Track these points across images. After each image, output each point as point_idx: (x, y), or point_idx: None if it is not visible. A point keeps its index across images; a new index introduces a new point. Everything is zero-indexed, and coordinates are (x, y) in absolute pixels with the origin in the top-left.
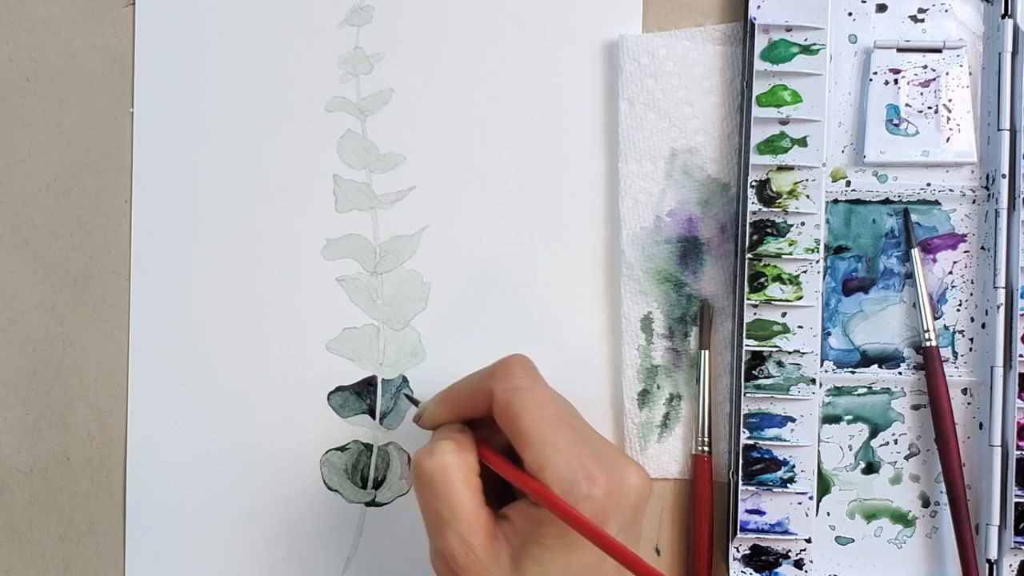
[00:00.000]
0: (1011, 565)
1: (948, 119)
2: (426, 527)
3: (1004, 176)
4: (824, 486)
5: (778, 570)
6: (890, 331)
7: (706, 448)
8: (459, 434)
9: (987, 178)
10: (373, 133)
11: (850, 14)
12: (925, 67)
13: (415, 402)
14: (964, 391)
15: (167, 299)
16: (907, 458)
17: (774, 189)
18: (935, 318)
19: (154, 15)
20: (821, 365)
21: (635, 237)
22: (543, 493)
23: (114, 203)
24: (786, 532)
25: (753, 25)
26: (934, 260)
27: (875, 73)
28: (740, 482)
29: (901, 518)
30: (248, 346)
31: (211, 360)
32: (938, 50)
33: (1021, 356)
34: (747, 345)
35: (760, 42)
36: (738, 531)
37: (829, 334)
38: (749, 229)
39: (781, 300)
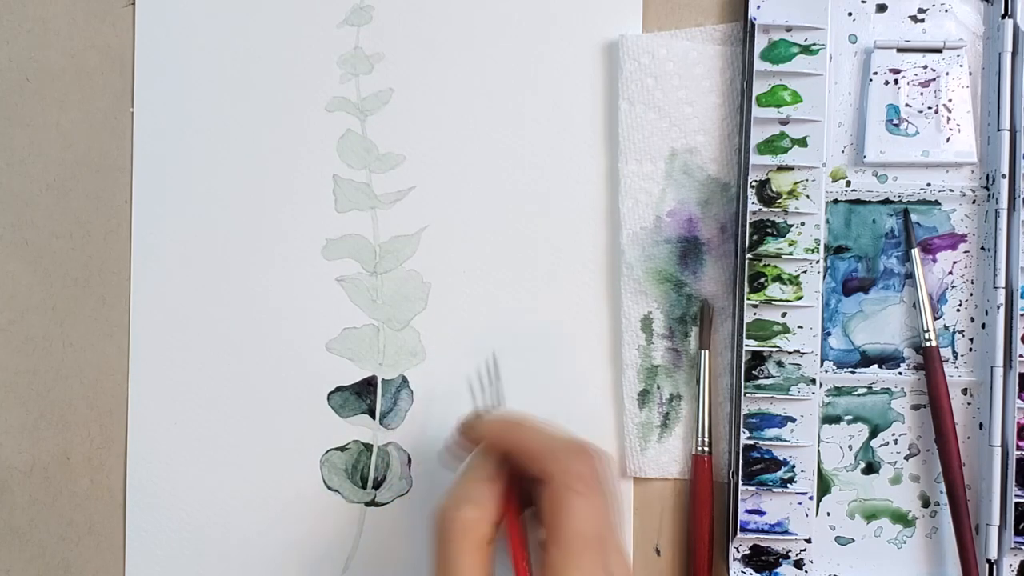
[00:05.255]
0: (1011, 565)
1: (948, 119)
2: (431, 571)
3: (1004, 176)
4: (824, 486)
5: (778, 570)
6: (890, 331)
7: (706, 448)
8: (489, 489)
9: (987, 178)
10: (373, 133)
11: (850, 14)
12: (925, 67)
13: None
14: (964, 391)
15: (167, 299)
16: (907, 458)
17: (774, 189)
18: (935, 318)
19: (154, 15)
20: (821, 365)
21: (635, 237)
22: None
23: (114, 203)
24: (786, 532)
25: (753, 25)
26: (934, 260)
27: (875, 73)
28: (740, 482)
29: (901, 518)
30: (248, 346)
31: (211, 360)
32: (938, 50)
33: (1021, 356)
34: (747, 345)
35: (760, 42)
36: (738, 531)
37: (829, 334)
38: (749, 229)
39: (781, 300)
